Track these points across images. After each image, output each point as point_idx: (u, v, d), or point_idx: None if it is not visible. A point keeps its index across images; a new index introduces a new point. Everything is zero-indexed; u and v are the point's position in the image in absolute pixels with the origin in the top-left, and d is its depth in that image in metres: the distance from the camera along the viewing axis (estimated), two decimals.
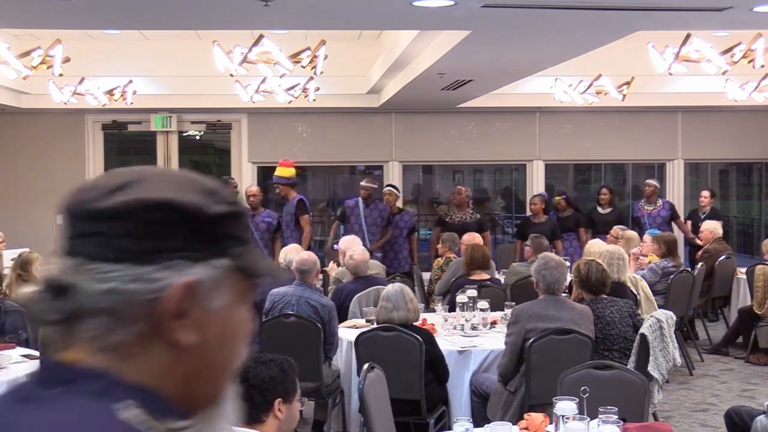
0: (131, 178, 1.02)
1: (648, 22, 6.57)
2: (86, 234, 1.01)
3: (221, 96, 11.54)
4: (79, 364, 0.98)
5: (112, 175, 1.04)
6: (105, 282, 0.98)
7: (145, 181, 1.01)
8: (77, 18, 6.75)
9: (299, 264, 6.34)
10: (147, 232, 0.98)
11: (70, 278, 0.99)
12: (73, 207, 1.03)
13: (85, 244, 1.01)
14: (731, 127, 13.26)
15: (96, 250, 0.99)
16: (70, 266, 1.01)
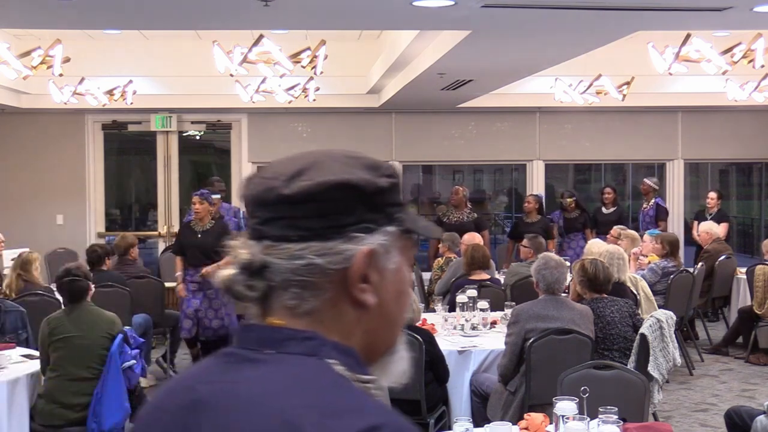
0: (306, 163, 1.15)
1: (648, 22, 6.57)
2: (273, 218, 1.13)
3: (221, 96, 11.53)
4: (286, 328, 1.12)
5: (287, 162, 1.17)
6: (296, 259, 1.11)
7: (320, 164, 1.15)
8: (77, 18, 6.75)
9: None
10: (329, 210, 1.12)
11: (264, 259, 1.12)
12: (258, 196, 1.15)
13: (273, 228, 1.13)
14: (731, 127, 13.26)
15: (284, 231, 1.12)
16: (261, 248, 1.13)
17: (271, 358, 1.10)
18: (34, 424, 5.29)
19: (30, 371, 5.44)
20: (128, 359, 5.37)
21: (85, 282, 5.45)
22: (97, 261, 7.99)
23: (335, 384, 1.08)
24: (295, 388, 1.06)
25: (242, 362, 1.11)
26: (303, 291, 1.11)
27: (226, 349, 1.15)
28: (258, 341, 1.12)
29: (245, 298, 1.14)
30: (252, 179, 1.17)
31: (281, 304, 1.12)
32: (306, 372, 1.09)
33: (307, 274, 1.11)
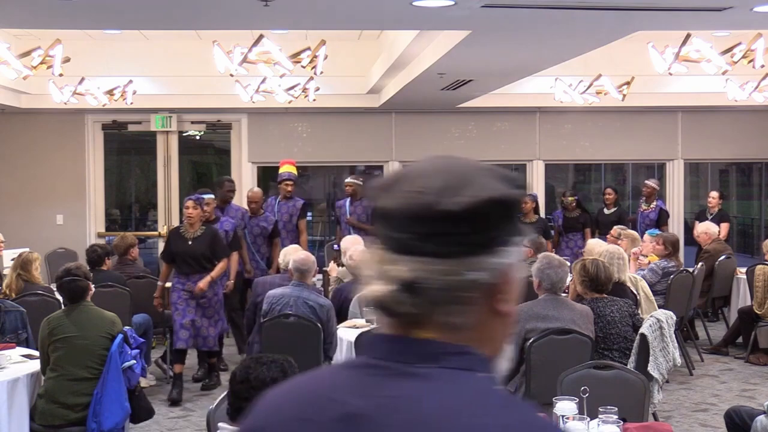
0: (453, 177, 1.14)
1: (648, 22, 6.57)
2: (429, 234, 1.12)
3: (221, 96, 11.53)
4: (439, 342, 1.13)
5: (430, 174, 1.15)
6: (450, 275, 1.11)
7: (469, 178, 1.15)
8: (77, 18, 6.75)
9: (299, 264, 6.33)
10: (483, 226, 1.13)
11: (418, 275, 1.11)
12: (410, 210, 1.13)
13: (428, 243, 1.12)
14: (731, 127, 13.26)
15: (439, 247, 1.12)
16: (414, 264, 1.12)
17: (428, 373, 1.11)
18: (34, 424, 5.29)
19: (30, 371, 5.44)
20: (128, 359, 5.37)
21: (85, 282, 5.45)
22: (97, 261, 7.99)
23: (507, 401, 1.13)
24: (474, 405, 1.09)
25: (396, 376, 1.12)
26: (455, 306, 1.12)
27: (360, 360, 1.17)
28: (411, 355, 1.13)
29: (397, 315, 1.14)
30: (392, 191, 1.15)
31: (431, 318, 1.13)
32: (475, 388, 1.12)
33: (459, 290, 1.12)
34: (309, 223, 14.94)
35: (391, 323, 1.15)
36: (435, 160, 1.18)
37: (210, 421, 3.60)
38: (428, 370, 1.11)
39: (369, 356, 1.15)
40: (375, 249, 1.15)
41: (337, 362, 1.22)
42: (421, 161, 1.19)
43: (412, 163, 1.20)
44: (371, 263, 1.15)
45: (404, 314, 1.13)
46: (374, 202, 1.17)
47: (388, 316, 1.14)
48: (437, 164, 1.17)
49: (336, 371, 1.20)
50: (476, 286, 1.13)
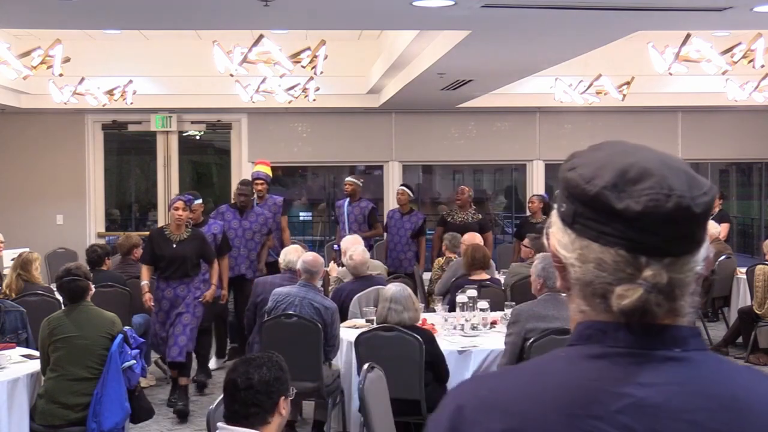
0: (691, 176, 1.18)
1: (648, 22, 6.57)
2: (683, 236, 1.16)
3: (221, 96, 11.54)
4: (679, 327, 1.17)
5: (675, 173, 1.17)
6: (691, 271, 1.17)
7: (696, 176, 1.19)
8: (77, 18, 6.75)
9: (308, 265, 6.31)
10: (708, 220, 1.19)
11: (671, 276, 1.15)
12: (669, 214, 1.14)
13: (677, 245, 1.15)
14: (731, 127, 13.26)
15: (687, 246, 1.16)
16: (665, 266, 1.15)
17: (687, 356, 1.16)
18: (34, 424, 5.29)
19: (30, 371, 5.44)
20: (128, 359, 5.37)
21: (85, 282, 5.45)
22: (97, 261, 7.99)
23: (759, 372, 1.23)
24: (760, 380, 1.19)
25: (656, 362, 1.15)
26: (689, 296, 1.18)
27: (598, 349, 1.17)
28: (659, 342, 1.16)
29: (657, 318, 1.16)
30: (630, 192, 1.14)
31: (673, 307, 1.17)
32: (738, 366, 1.21)
33: (694, 283, 1.17)
34: (309, 224, 14.95)
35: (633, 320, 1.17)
36: (645, 153, 1.19)
37: (210, 421, 3.60)
38: (685, 353, 1.16)
39: (606, 345, 1.16)
40: (616, 252, 1.15)
41: (556, 354, 1.22)
42: (625, 151, 1.19)
43: (615, 154, 1.19)
44: (612, 267, 1.15)
45: (659, 316, 1.16)
46: (608, 202, 1.15)
47: (641, 318, 1.15)
48: (655, 158, 1.18)
49: (576, 362, 1.19)
50: (698, 277, 1.19)
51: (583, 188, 1.16)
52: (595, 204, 1.15)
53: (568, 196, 1.19)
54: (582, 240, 1.17)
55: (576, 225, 1.18)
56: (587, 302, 1.19)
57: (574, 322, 1.24)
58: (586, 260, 1.17)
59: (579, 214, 1.17)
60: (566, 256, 1.20)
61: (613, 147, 1.21)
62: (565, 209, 1.20)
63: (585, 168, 1.18)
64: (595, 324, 1.19)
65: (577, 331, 1.21)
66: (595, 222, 1.16)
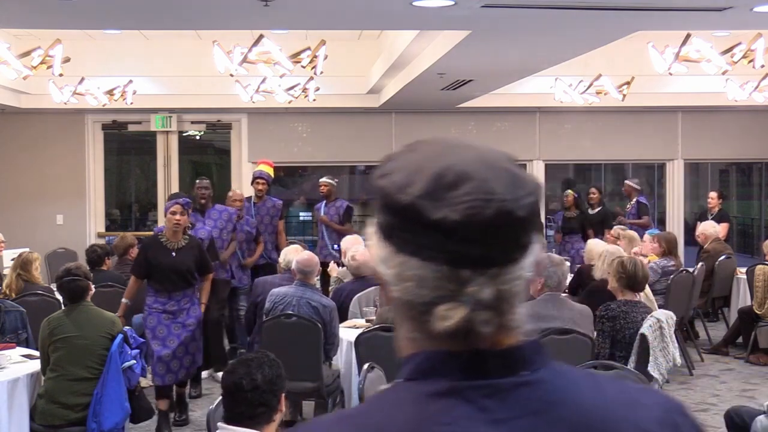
0: (514, 175, 1.05)
1: (648, 22, 6.57)
2: (507, 243, 1.04)
3: (221, 96, 11.54)
4: (520, 347, 1.06)
5: (498, 175, 1.04)
6: (518, 279, 1.05)
7: (520, 174, 1.07)
8: (77, 18, 6.75)
9: (302, 265, 6.32)
10: (536, 222, 1.06)
11: (497, 288, 1.03)
12: (484, 221, 1.02)
13: (505, 253, 1.04)
14: (731, 127, 13.26)
15: (512, 254, 1.04)
16: (490, 277, 1.03)
17: (538, 378, 1.05)
18: (34, 424, 5.29)
19: (30, 371, 5.44)
20: (128, 359, 5.37)
21: (85, 282, 5.45)
22: (96, 261, 7.99)
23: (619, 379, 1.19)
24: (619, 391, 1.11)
25: (513, 391, 1.03)
26: (519, 307, 1.07)
27: (441, 385, 1.03)
28: (515, 364, 1.05)
29: (485, 336, 1.03)
30: (446, 200, 1.02)
31: (500, 325, 1.05)
32: (593, 374, 1.14)
33: (523, 291, 1.07)
34: (309, 224, 14.95)
35: (461, 342, 1.04)
36: (464, 152, 1.06)
37: (210, 421, 3.60)
38: (534, 376, 1.05)
39: (452, 379, 1.03)
40: (436, 267, 1.02)
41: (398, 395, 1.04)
42: (441, 153, 1.07)
43: (430, 156, 1.06)
44: (432, 284, 1.02)
45: (488, 334, 1.03)
46: (424, 213, 1.02)
47: (466, 338, 1.03)
48: (474, 158, 1.06)
49: (422, 403, 1.02)
50: (527, 285, 1.08)
51: (395, 198, 1.04)
52: (409, 215, 1.02)
53: (383, 207, 1.06)
54: (400, 255, 1.04)
55: (393, 238, 1.05)
56: (415, 326, 1.06)
57: (406, 350, 1.08)
58: (405, 278, 1.04)
59: (395, 227, 1.05)
60: (385, 272, 1.06)
61: (428, 147, 1.08)
62: (382, 221, 1.07)
63: (398, 174, 1.05)
64: (434, 355, 1.04)
65: (414, 363, 1.05)
66: (411, 234, 1.03)
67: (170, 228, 6.57)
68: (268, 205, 9.42)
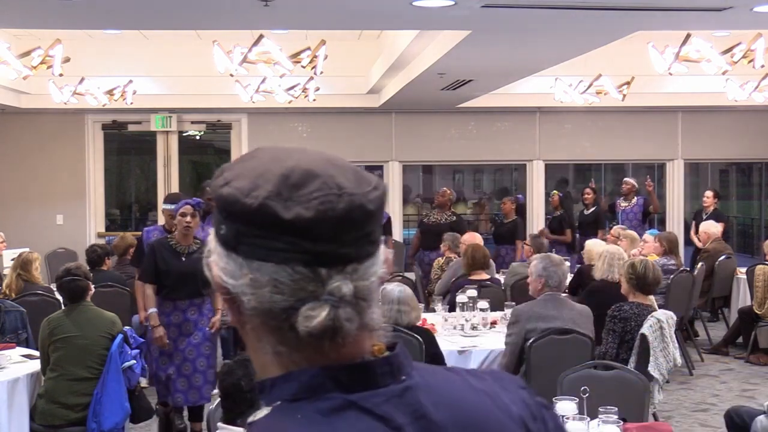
0: (355, 170, 1.05)
1: (648, 22, 6.57)
2: (359, 238, 1.02)
3: (221, 96, 11.54)
4: (395, 354, 1.06)
5: (339, 170, 1.04)
6: (374, 275, 1.04)
7: (361, 171, 1.06)
8: (77, 18, 6.75)
9: None
10: (381, 217, 1.06)
11: (357, 284, 1.02)
12: (336, 216, 1.00)
13: (358, 248, 1.02)
14: (731, 127, 13.26)
15: (365, 249, 1.03)
16: (347, 274, 1.01)
17: (413, 382, 1.05)
18: (34, 424, 5.29)
19: (30, 371, 5.44)
20: (128, 359, 5.37)
21: (85, 282, 5.45)
22: (97, 261, 7.98)
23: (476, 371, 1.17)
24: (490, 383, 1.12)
25: (402, 396, 1.03)
26: (376, 306, 1.05)
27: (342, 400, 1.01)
28: (395, 370, 1.04)
29: (350, 335, 1.02)
30: (295, 199, 1.00)
31: (362, 323, 1.03)
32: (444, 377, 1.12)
33: (378, 287, 1.05)
34: None
35: (330, 347, 1.01)
36: (305, 154, 1.05)
37: (210, 421, 3.60)
38: (411, 379, 1.05)
39: (343, 391, 1.01)
40: (293, 269, 1.00)
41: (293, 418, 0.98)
42: (281, 156, 1.05)
43: (271, 160, 1.05)
44: (291, 287, 1.00)
45: (352, 333, 1.02)
46: (275, 213, 0.99)
47: (333, 339, 1.01)
48: (316, 158, 1.05)
49: (319, 423, 0.99)
50: (382, 280, 1.06)
51: (243, 203, 1.00)
52: (259, 218, 0.99)
53: (228, 215, 1.02)
54: (252, 262, 1.01)
55: (242, 247, 1.01)
56: (280, 338, 1.02)
57: (272, 370, 1.04)
58: (260, 285, 1.00)
59: (243, 234, 1.01)
60: (235, 284, 1.02)
61: (267, 153, 1.06)
62: (226, 231, 1.03)
63: (241, 180, 1.02)
64: (322, 371, 1.01)
65: (299, 382, 1.01)
66: (263, 239, 1.00)
67: (180, 230, 6.02)
68: None
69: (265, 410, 1.02)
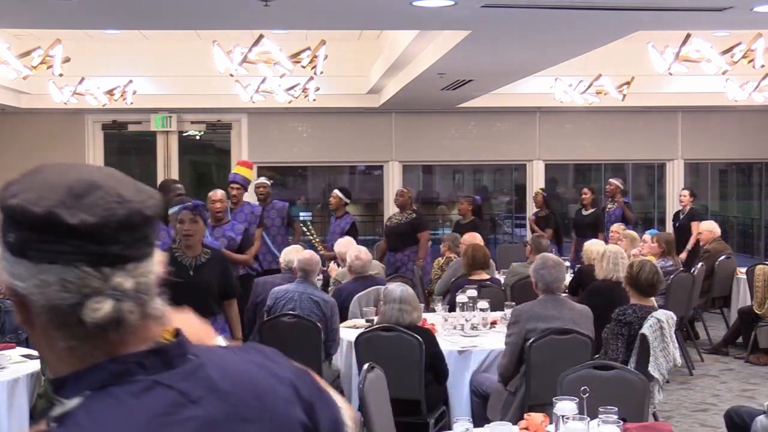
0: (132, 182, 1.21)
1: (648, 22, 6.57)
2: (137, 240, 1.17)
3: (221, 96, 11.54)
4: (181, 340, 1.23)
5: (119, 182, 1.19)
6: (151, 273, 1.20)
7: (138, 183, 1.22)
8: (77, 18, 6.75)
9: (303, 263, 6.35)
10: (154, 224, 1.21)
11: (137, 280, 1.17)
12: (118, 221, 1.15)
13: (137, 249, 1.17)
14: (731, 127, 13.27)
15: (143, 250, 1.18)
16: (129, 272, 1.16)
17: (201, 361, 1.21)
18: None
19: (30, 371, 5.43)
20: None
21: None
22: None
23: None
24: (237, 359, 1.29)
25: (195, 373, 1.19)
26: (157, 297, 1.21)
27: (147, 381, 1.15)
28: (185, 349, 1.21)
29: (133, 325, 1.16)
30: (80, 206, 1.13)
31: (143, 314, 1.18)
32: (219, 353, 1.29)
33: (156, 284, 1.20)
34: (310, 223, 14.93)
35: (116, 336, 1.15)
36: (88, 168, 1.21)
37: None
38: (198, 358, 1.20)
39: (148, 373, 1.15)
40: (79, 269, 1.12)
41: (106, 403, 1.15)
42: (67, 170, 1.20)
43: (57, 174, 1.19)
44: (77, 285, 1.12)
45: (135, 325, 1.16)
46: (61, 220, 1.11)
47: (117, 330, 1.15)
48: (99, 172, 1.20)
49: (129, 402, 1.13)
50: (158, 278, 1.21)
51: (31, 211, 1.12)
52: (47, 225, 1.12)
53: (15, 224, 1.14)
54: (41, 265, 1.12)
55: (30, 252, 1.13)
56: (70, 333, 1.14)
57: (70, 365, 1.16)
58: (48, 284, 1.12)
59: (31, 240, 1.13)
60: (23, 286, 1.14)
61: (53, 168, 1.21)
62: (14, 239, 1.14)
63: (28, 193, 1.14)
64: (126, 358, 1.15)
65: (107, 371, 1.14)
66: (50, 244, 1.12)
67: (182, 239, 5.35)
68: (246, 212, 8.05)
69: (74, 401, 1.13)
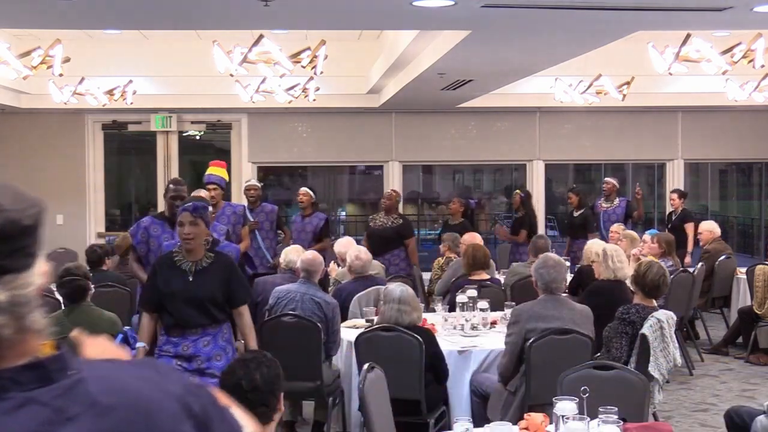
0: (15, 191, 1.19)
1: (648, 22, 6.57)
2: (14, 250, 1.13)
3: (221, 96, 11.54)
4: (62, 353, 1.18)
5: (5, 191, 1.17)
6: (31, 285, 1.15)
7: (23, 193, 1.20)
8: (77, 18, 6.75)
9: (306, 264, 6.33)
10: (38, 234, 1.18)
11: (12, 293, 1.12)
12: (7, 225, 1.12)
13: (14, 260, 1.13)
14: (731, 127, 13.27)
15: (21, 261, 1.14)
16: (6, 285, 1.12)
17: (81, 376, 1.16)
18: None
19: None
20: None
21: (85, 282, 5.45)
22: (96, 261, 7.98)
23: None
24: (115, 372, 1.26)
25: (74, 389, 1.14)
26: (36, 311, 1.16)
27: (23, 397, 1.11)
28: (65, 365, 1.16)
29: (8, 340, 1.13)
30: None
31: (20, 327, 1.14)
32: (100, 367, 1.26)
33: (36, 297, 1.16)
34: None
35: None
36: None
37: None
38: (78, 374, 1.15)
39: (22, 389, 1.11)
40: None
41: None
42: None
43: None
44: None
45: (8, 337, 1.12)
46: None
47: None
48: None
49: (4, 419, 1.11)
50: (38, 290, 1.17)
51: None
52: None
53: None
54: None
55: None
56: None
57: None
58: None
59: None
60: None
61: None
62: None
63: None
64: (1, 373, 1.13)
65: None
66: None
67: (183, 244, 4.90)
68: (227, 213, 7.67)
69: None
